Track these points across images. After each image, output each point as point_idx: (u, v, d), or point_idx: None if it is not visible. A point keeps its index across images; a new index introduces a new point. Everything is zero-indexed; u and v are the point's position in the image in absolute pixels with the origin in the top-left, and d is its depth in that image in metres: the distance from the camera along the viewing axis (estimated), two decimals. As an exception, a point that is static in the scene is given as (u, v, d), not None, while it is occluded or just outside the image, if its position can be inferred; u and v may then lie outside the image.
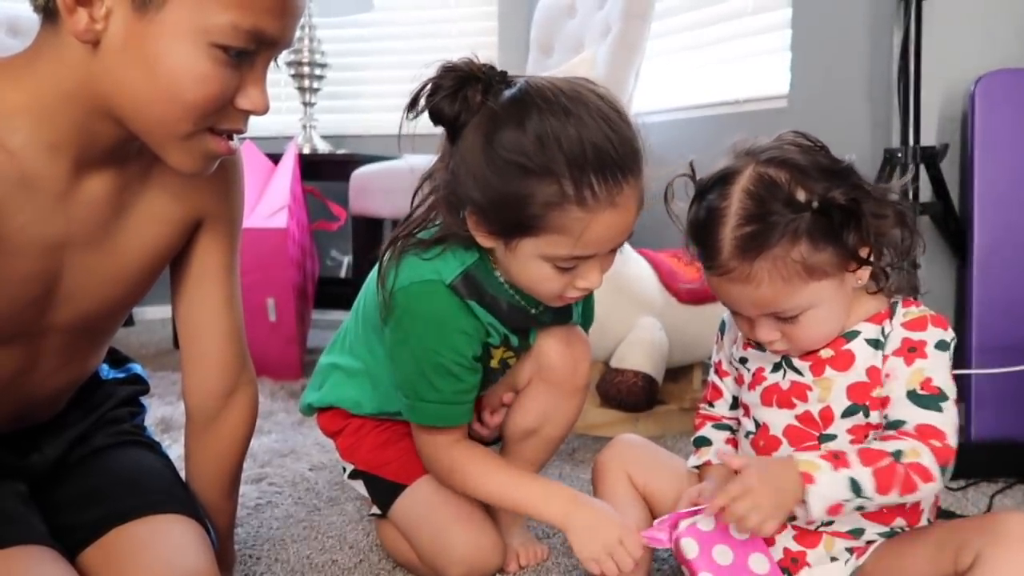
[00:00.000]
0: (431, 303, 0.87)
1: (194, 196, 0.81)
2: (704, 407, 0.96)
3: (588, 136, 0.77)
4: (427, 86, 0.82)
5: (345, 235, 2.36)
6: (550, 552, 1.06)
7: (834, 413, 0.81)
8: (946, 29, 1.53)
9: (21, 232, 0.70)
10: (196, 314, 0.87)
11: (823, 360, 0.82)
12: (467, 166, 0.81)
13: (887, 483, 0.73)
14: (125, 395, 0.97)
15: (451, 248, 0.88)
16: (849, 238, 0.75)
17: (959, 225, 1.51)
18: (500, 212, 0.80)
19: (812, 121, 1.81)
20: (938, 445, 0.75)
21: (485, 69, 0.82)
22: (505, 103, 0.80)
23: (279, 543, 1.10)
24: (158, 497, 0.84)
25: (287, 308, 1.90)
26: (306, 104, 2.57)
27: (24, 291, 0.72)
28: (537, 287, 0.85)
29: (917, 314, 0.81)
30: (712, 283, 0.82)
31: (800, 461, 0.75)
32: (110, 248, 0.77)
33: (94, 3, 0.63)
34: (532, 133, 0.77)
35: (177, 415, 1.57)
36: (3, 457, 0.82)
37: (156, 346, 2.41)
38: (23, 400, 0.82)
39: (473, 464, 0.92)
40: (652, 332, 1.56)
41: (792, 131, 0.82)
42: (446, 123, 0.83)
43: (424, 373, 0.89)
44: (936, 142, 1.53)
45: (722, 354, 0.94)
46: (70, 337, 0.80)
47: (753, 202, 0.76)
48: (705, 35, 2.21)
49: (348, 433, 1.06)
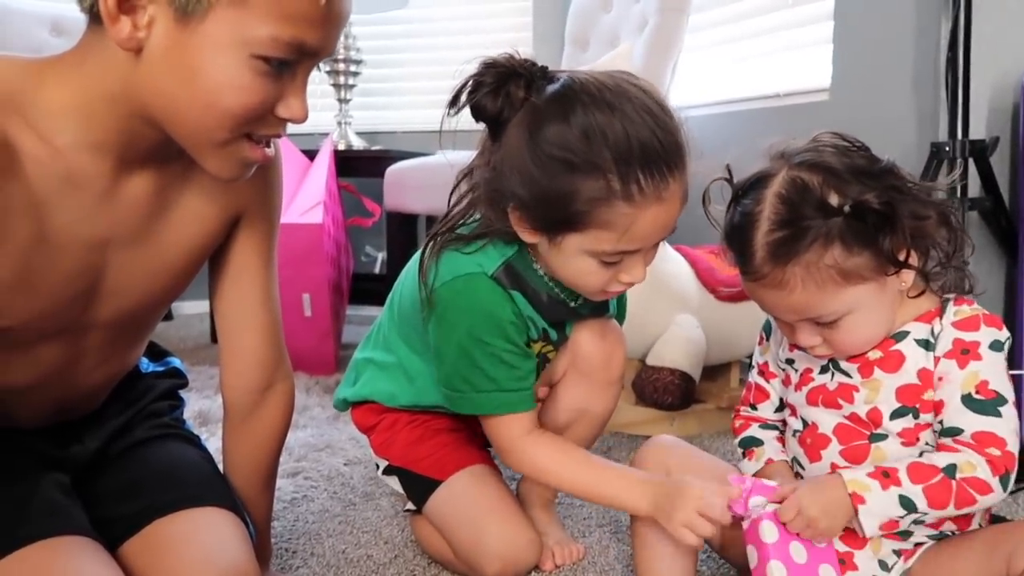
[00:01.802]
0: (476, 295, 0.87)
1: (233, 194, 0.81)
2: (745, 409, 0.94)
3: (633, 131, 0.77)
4: (468, 82, 0.82)
5: (380, 231, 2.37)
6: (586, 552, 1.05)
7: (882, 414, 0.79)
8: (997, 18, 1.49)
9: (66, 229, 0.71)
10: (234, 310, 0.88)
11: (871, 362, 0.80)
12: (511, 162, 0.81)
13: (940, 499, 0.73)
14: (164, 388, 0.98)
15: (492, 243, 0.88)
16: (885, 241, 0.73)
17: (1010, 221, 1.46)
18: (545, 208, 0.80)
19: (855, 115, 1.79)
20: (996, 454, 0.73)
21: (527, 65, 0.81)
22: (549, 98, 0.79)
23: (315, 537, 1.11)
24: (197, 490, 0.85)
25: (322, 304, 1.92)
26: (341, 101, 2.59)
27: (68, 287, 0.73)
28: (581, 281, 0.85)
29: (969, 313, 0.78)
30: (748, 288, 0.80)
31: (849, 481, 0.75)
32: (152, 245, 0.77)
33: (137, 11, 0.63)
34: (577, 128, 0.77)
35: (215, 409, 1.59)
36: (46, 448, 0.84)
37: (194, 340, 2.44)
38: (66, 394, 0.84)
39: (551, 460, 0.91)
40: (689, 330, 1.54)
41: (830, 131, 0.80)
42: (488, 119, 0.82)
43: (477, 364, 0.88)
44: (986, 135, 1.48)
45: (768, 355, 0.92)
46: (112, 332, 0.81)
47: (785, 207, 0.75)
48: (745, 27, 2.17)
49: (382, 429, 1.06)
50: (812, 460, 0.84)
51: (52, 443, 0.85)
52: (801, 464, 0.86)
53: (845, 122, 1.93)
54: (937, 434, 0.78)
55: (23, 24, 2.28)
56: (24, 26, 2.27)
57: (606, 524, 1.15)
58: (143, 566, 0.79)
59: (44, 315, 0.73)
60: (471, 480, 0.99)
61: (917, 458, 0.76)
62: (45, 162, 0.68)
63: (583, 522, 1.15)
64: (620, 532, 1.12)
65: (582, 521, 1.16)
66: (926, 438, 0.79)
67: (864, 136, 0.80)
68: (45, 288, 0.72)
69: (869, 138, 0.80)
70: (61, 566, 0.71)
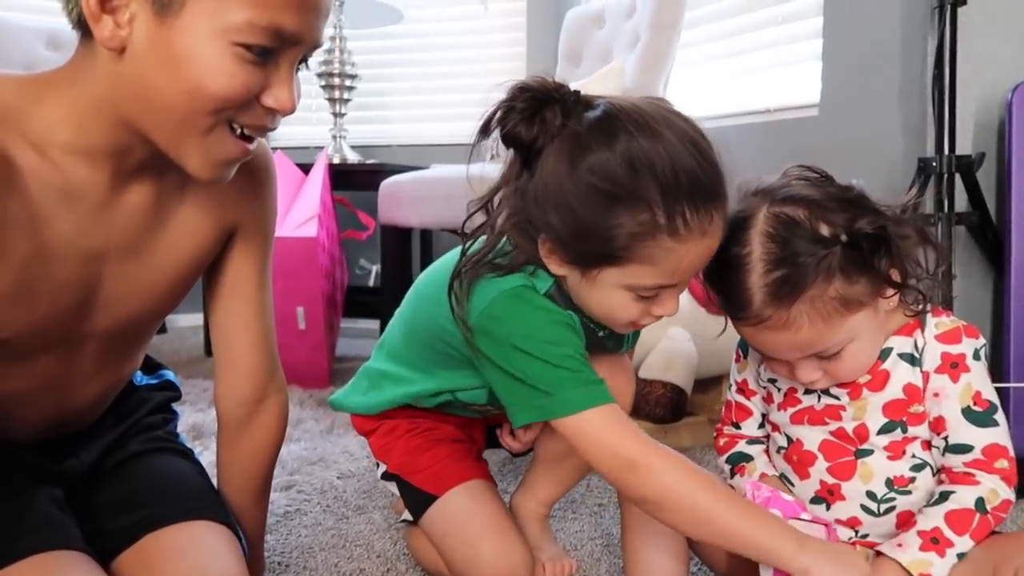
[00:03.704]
0: (529, 305, 0.80)
1: (228, 208, 0.82)
2: (728, 428, 0.94)
3: (680, 162, 0.72)
4: (499, 109, 0.78)
5: (374, 244, 2.38)
6: (578, 566, 1.06)
7: (869, 430, 0.80)
8: (982, 36, 1.51)
9: (63, 240, 0.72)
10: (228, 322, 0.88)
11: (860, 385, 0.80)
12: (547, 192, 0.76)
13: (981, 534, 0.76)
14: (158, 401, 0.98)
15: (526, 269, 0.82)
16: (881, 265, 0.74)
17: (996, 235, 1.48)
18: (583, 241, 0.75)
19: (844, 130, 1.81)
20: (1005, 466, 0.76)
21: (562, 90, 0.77)
22: (591, 124, 0.75)
23: (307, 551, 1.11)
24: (190, 504, 0.85)
25: (316, 317, 1.92)
26: (336, 115, 2.60)
27: (65, 298, 0.74)
28: (612, 315, 0.80)
29: (950, 325, 0.79)
30: (745, 332, 0.79)
31: (910, 564, 0.74)
32: (147, 257, 0.78)
33: (118, 10, 0.65)
34: (622, 157, 0.72)
35: (208, 422, 1.59)
36: (40, 462, 0.84)
37: (188, 353, 2.44)
38: (61, 407, 0.84)
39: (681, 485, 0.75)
40: (681, 343, 1.54)
41: (796, 165, 0.80)
42: (522, 147, 0.78)
43: (552, 363, 0.78)
44: (972, 151, 1.50)
45: (747, 373, 0.92)
46: (107, 343, 0.82)
47: (776, 245, 0.73)
48: (735, 44, 2.20)
49: (381, 434, 1.05)
50: (801, 478, 0.85)
51: (47, 457, 0.85)
52: (791, 481, 0.86)
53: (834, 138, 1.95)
54: (942, 451, 0.79)
55: (19, 38, 2.28)
56: (20, 40, 2.28)
57: (598, 537, 1.15)
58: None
59: (41, 325, 0.74)
60: (467, 496, 0.97)
61: (944, 504, 0.76)
62: (42, 175, 0.69)
63: (575, 535, 1.16)
64: (612, 545, 1.12)
65: (574, 535, 1.16)
66: (912, 451, 0.80)
67: (852, 151, 0.81)
68: (43, 299, 0.72)
69: (857, 154, 0.81)
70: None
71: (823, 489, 0.83)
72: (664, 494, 0.75)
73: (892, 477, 0.80)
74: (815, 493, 0.84)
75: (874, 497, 0.81)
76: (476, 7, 2.82)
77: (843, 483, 0.81)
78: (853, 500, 0.81)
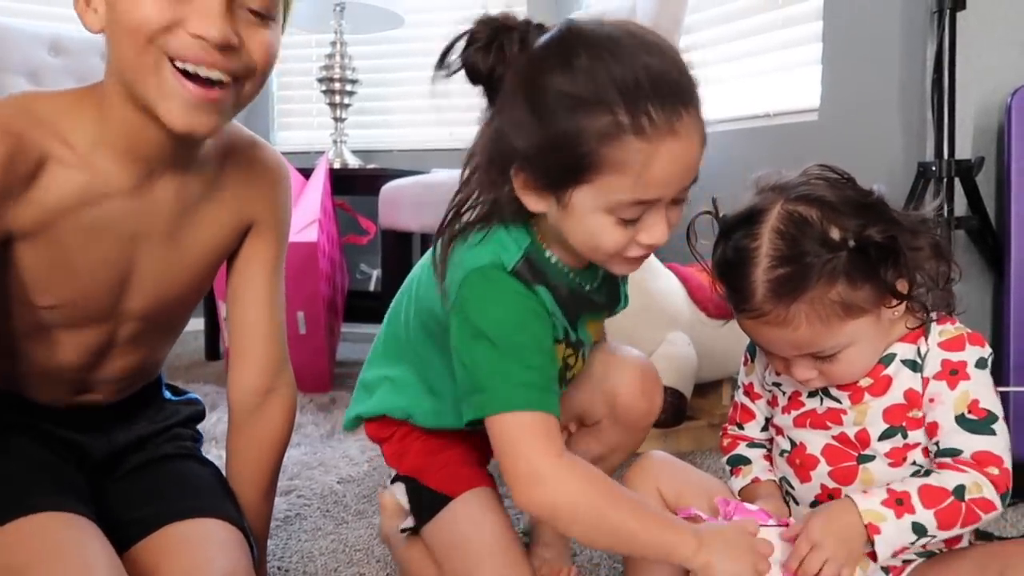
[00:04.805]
0: (495, 289, 0.78)
1: (245, 204, 0.89)
2: (732, 428, 0.95)
3: (641, 63, 0.70)
4: (458, 39, 0.78)
5: (375, 249, 2.38)
6: (577, 571, 1.05)
7: (871, 436, 0.80)
8: (981, 41, 1.51)
9: (101, 219, 0.79)
10: (243, 313, 0.93)
11: (862, 388, 0.80)
12: (509, 115, 0.74)
13: (950, 521, 0.73)
14: (188, 414, 1.02)
15: (499, 229, 0.80)
16: (887, 274, 0.73)
17: (996, 240, 1.48)
18: (550, 158, 0.72)
19: (844, 135, 1.81)
20: (996, 473, 0.74)
21: (523, 22, 0.76)
22: (546, 43, 0.74)
23: (307, 556, 1.11)
24: (206, 502, 0.88)
25: (317, 321, 1.92)
26: (337, 119, 2.61)
27: (104, 273, 0.81)
28: (597, 243, 0.76)
29: (953, 332, 0.79)
30: (745, 326, 0.79)
31: (864, 512, 0.74)
32: (177, 244, 0.85)
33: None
34: (579, 67, 0.70)
35: (208, 426, 1.58)
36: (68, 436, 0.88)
37: (189, 357, 2.45)
38: (91, 373, 0.89)
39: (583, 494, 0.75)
40: (681, 347, 1.55)
41: (818, 164, 0.80)
42: (482, 79, 0.77)
43: (509, 353, 0.76)
44: (971, 155, 1.50)
45: (753, 377, 0.92)
46: (141, 325, 0.88)
47: (784, 242, 0.73)
48: (735, 48, 2.20)
49: (396, 440, 1.00)
50: (803, 481, 0.85)
51: (73, 429, 0.89)
52: (791, 484, 0.86)
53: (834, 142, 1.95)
54: (933, 455, 0.78)
55: (21, 44, 2.28)
56: (22, 46, 2.28)
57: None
58: (149, 563, 0.81)
59: (84, 299, 0.81)
60: (476, 506, 0.93)
61: (925, 478, 0.76)
62: (76, 169, 0.76)
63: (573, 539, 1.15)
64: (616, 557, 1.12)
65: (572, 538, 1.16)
66: (913, 457, 0.79)
67: (852, 156, 0.81)
68: (83, 271, 0.80)
69: (857, 158, 0.81)
70: (71, 537, 0.74)
71: (823, 493, 0.83)
72: (560, 507, 0.74)
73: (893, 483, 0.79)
74: (815, 497, 0.84)
75: None
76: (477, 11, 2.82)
77: (844, 488, 0.81)
78: None
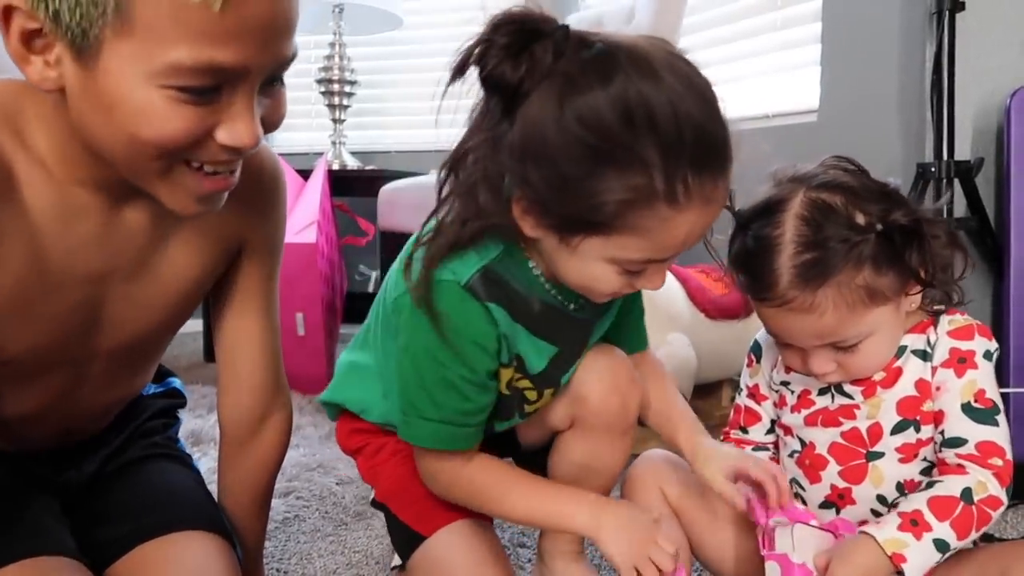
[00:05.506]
0: (441, 308, 0.72)
1: (231, 225, 0.78)
2: (735, 432, 0.93)
3: (684, 113, 0.62)
4: (479, 44, 0.66)
5: (373, 250, 2.38)
6: None
7: (883, 430, 0.80)
8: (980, 42, 1.51)
9: (63, 261, 0.69)
10: (234, 337, 0.86)
11: (875, 383, 0.80)
12: (527, 141, 0.64)
13: (966, 528, 0.73)
14: (159, 407, 0.98)
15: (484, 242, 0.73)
16: (912, 259, 0.74)
17: (995, 240, 1.48)
18: (564, 203, 0.64)
19: (843, 136, 1.81)
20: (999, 464, 0.75)
21: (551, 22, 0.65)
22: (584, 64, 0.63)
23: (306, 558, 1.11)
24: (186, 513, 0.85)
25: (316, 322, 1.92)
26: (335, 121, 2.61)
27: (67, 319, 0.72)
28: (591, 288, 0.72)
29: (963, 323, 0.79)
30: (766, 315, 0.79)
31: (885, 542, 0.72)
32: (150, 277, 0.76)
33: (46, 49, 0.58)
34: (618, 103, 0.61)
35: (207, 428, 1.58)
36: (41, 471, 0.84)
37: (188, 359, 2.44)
38: (69, 420, 0.83)
39: (491, 487, 0.80)
40: (681, 348, 1.54)
41: (833, 156, 0.80)
42: (505, 91, 0.65)
43: (425, 386, 0.75)
44: (971, 156, 1.50)
45: (758, 378, 0.91)
46: (114, 362, 0.80)
47: (810, 228, 0.73)
48: (735, 49, 2.20)
49: (368, 454, 0.95)
50: (812, 482, 0.84)
51: (48, 467, 0.85)
52: (801, 485, 0.86)
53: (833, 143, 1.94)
54: (938, 445, 0.78)
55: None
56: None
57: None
58: None
59: (47, 347, 0.72)
60: (459, 540, 0.85)
61: (930, 490, 0.75)
62: (40, 191, 0.66)
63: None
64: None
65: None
66: (924, 454, 0.79)
67: (852, 157, 0.81)
68: (43, 321, 0.71)
69: (857, 158, 0.81)
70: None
71: (833, 493, 0.82)
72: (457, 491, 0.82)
73: (903, 481, 0.79)
74: (825, 497, 0.83)
75: (884, 501, 0.80)
76: (475, 12, 2.81)
77: (854, 487, 0.81)
78: (863, 504, 0.81)
